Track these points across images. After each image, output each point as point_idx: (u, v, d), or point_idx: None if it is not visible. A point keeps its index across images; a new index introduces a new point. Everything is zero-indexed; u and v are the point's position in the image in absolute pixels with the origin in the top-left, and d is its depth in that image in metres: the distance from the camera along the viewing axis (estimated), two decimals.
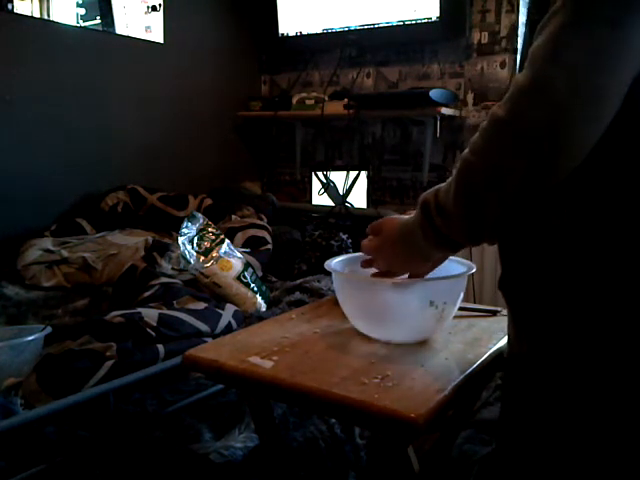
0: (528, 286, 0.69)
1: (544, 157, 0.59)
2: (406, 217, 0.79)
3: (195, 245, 1.84)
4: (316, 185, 2.84)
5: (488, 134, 0.63)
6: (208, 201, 2.51)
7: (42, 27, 2.24)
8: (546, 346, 0.67)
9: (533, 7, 0.66)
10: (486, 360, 0.89)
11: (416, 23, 2.52)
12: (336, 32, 2.74)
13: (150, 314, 1.42)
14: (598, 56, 0.55)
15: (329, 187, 2.74)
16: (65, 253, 2.03)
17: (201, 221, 1.94)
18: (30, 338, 1.25)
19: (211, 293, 1.77)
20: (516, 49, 2.40)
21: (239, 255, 1.92)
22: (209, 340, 1.38)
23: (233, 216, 2.41)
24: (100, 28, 2.43)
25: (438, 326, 0.95)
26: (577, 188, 0.62)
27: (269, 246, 2.24)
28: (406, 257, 0.81)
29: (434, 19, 2.46)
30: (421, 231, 0.73)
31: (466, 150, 0.66)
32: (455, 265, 0.97)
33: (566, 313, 0.65)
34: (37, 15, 2.21)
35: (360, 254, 1.05)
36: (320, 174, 2.78)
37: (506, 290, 0.73)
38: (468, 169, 0.65)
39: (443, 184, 0.70)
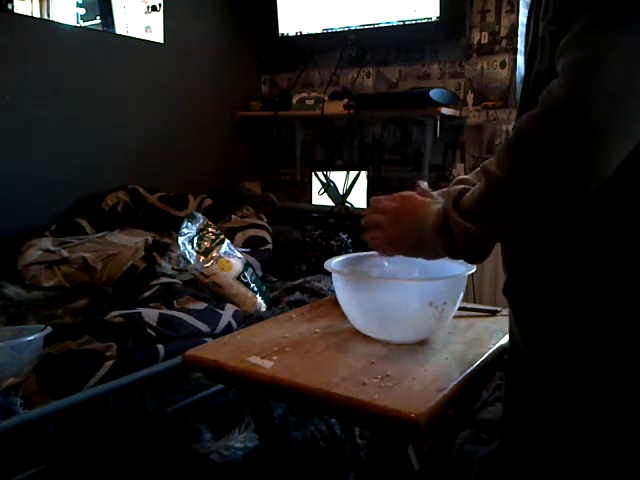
0: (534, 292, 0.69)
1: (575, 177, 0.57)
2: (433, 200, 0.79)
3: (195, 245, 1.84)
4: (316, 185, 2.84)
5: (516, 151, 0.60)
6: (208, 201, 2.51)
7: (42, 27, 2.23)
8: (550, 349, 0.67)
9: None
10: (486, 360, 0.89)
11: (416, 23, 2.52)
12: (336, 32, 2.74)
13: (150, 314, 1.42)
14: None
15: (329, 187, 2.73)
16: (65, 253, 2.03)
17: (201, 221, 1.94)
18: (30, 338, 1.25)
19: (211, 293, 1.77)
20: (516, 49, 2.40)
21: (239, 255, 1.92)
22: (209, 340, 1.38)
23: (233, 216, 2.41)
24: (100, 28, 2.43)
25: (438, 326, 0.95)
26: (591, 201, 0.62)
27: (269, 246, 2.24)
28: (417, 241, 0.78)
29: (434, 19, 2.46)
30: (438, 219, 0.73)
31: (491, 163, 0.64)
32: (455, 265, 0.96)
33: (571, 318, 0.65)
34: (37, 15, 2.21)
35: (360, 254, 1.05)
36: (320, 174, 2.77)
37: (511, 295, 0.74)
38: (495, 185, 0.63)
39: (469, 191, 0.68)
